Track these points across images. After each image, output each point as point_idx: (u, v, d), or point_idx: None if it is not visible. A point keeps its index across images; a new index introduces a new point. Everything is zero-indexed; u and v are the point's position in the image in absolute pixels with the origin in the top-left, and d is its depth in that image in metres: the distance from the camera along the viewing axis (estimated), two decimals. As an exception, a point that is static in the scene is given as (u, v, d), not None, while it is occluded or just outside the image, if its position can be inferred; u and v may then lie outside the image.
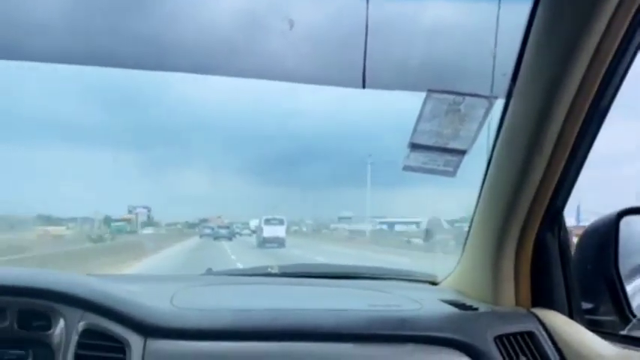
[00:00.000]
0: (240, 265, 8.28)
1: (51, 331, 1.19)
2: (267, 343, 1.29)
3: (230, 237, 27.03)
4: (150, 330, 1.25)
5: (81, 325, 1.21)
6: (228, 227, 29.59)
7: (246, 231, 30.37)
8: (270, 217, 22.64)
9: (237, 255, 16.10)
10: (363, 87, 1.35)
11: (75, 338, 1.19)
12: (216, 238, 26.37)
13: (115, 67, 1.37)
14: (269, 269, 2.00)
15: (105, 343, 1.21)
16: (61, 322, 1.20)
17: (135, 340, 1.22)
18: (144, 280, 1.78)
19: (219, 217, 32.59)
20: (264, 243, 21.62)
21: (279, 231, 22.65)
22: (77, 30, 1.35)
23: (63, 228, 21.93)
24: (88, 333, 1.21)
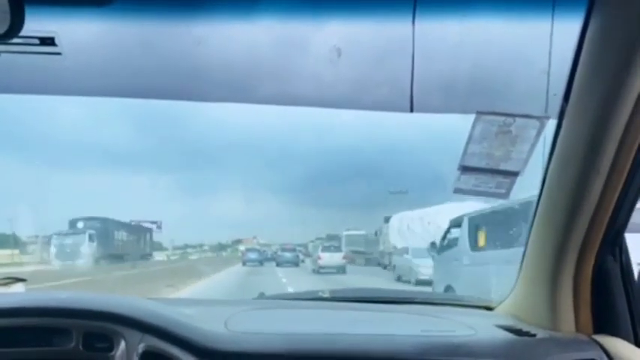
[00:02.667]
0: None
1: (113, 352, 1.24)
2: None
3: (297, 262, 22.29)
4: (206, 353, 1.28)
5: (141, 347, 1.25)
6: (293, 250, 23.74)
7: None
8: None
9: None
10: (411, 111, 1.36)
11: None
12: (279, 264, 21.38)
13: (152, 99, 1.45)
14: (320, 294, 2.01)
15: None
16: (122, 344, 1.25)
17: None
18: (199, 304, 1.82)
19: (255, 237, 29.84)
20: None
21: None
22: (118, 65, 1.43)
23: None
24: (148, 354, 1.25)
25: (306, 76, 1.43)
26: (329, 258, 17.98)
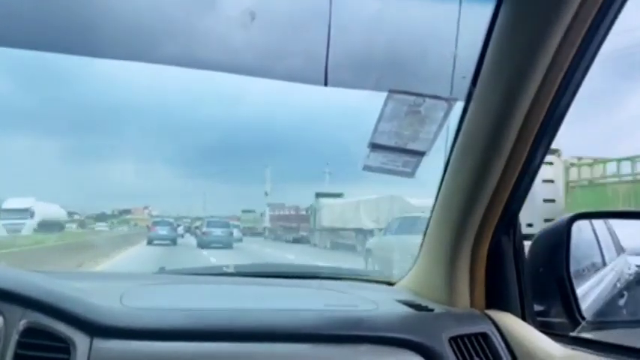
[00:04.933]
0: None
1: None
2: (219, 343, 1.26)
3: (231, 243, 16.52)
4: (97, 329, 1.20)
5: (22, 324, 1.14)
6: (226, 225, 17.31)
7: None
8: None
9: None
10: (325, 85, 1.33)
11: (15, 337, 1.13)
12: (204, 245, 15.46)
13: (37, 51, 1.29)
14: (224, 268, 1.97)
15: (48, 342, 1.15)
16: (0, 320, 1.13)
17: (80, 340, 1.17)
18: (94, 278, 1.72)
19: (146, 207, 26.70)
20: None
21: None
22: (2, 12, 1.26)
23: None
24: (30, 332, 1.14)
25: (215, 38, 1.34)
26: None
